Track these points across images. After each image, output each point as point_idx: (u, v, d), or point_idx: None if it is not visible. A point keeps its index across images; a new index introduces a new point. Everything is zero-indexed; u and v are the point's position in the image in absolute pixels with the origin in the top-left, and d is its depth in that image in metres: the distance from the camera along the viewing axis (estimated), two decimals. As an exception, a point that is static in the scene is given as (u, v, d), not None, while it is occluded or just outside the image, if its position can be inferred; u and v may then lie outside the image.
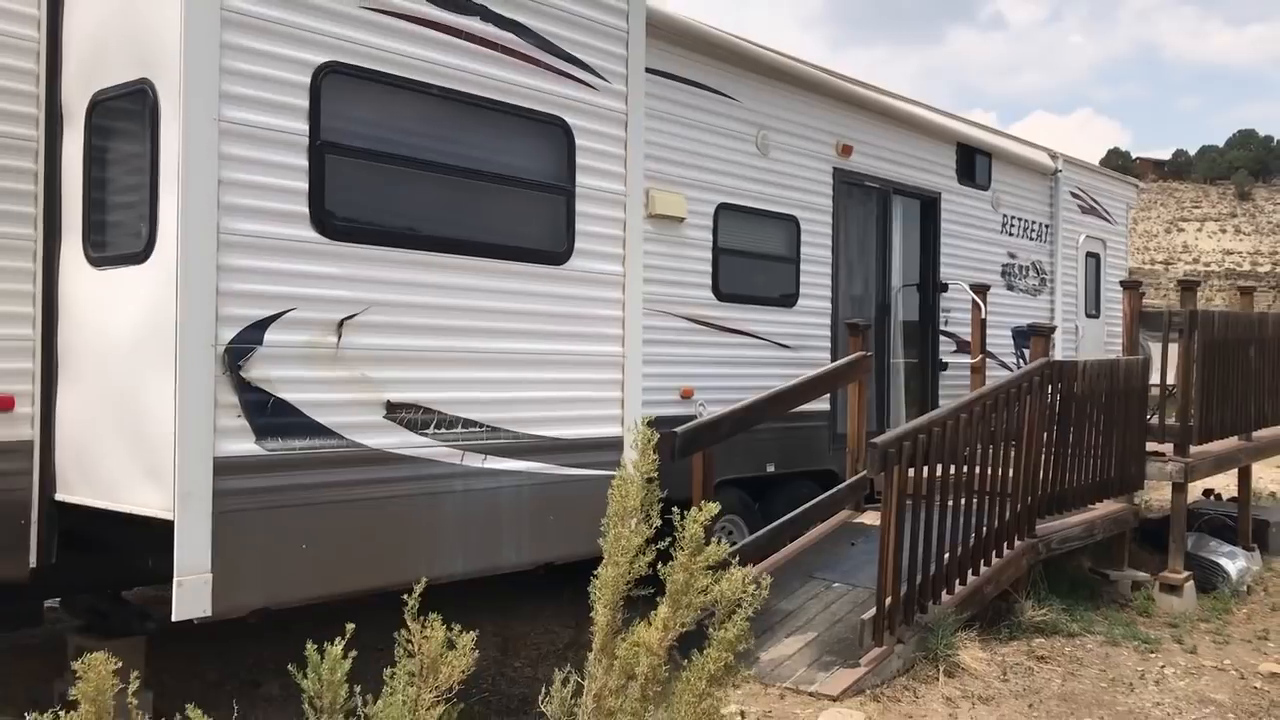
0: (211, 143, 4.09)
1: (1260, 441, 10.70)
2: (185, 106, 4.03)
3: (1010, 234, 11.43)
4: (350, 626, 2.62)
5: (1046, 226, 12.09)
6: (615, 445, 5.65)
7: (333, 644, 2.48)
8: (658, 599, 2.64)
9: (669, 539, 2.97)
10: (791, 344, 8.66)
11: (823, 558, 7.80)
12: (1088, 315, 12.86)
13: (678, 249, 7.55)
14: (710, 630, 2.55)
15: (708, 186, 7.87)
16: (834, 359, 8.80)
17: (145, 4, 4.27)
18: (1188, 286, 9.28)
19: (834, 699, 5.89)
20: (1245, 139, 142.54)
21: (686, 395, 7.67)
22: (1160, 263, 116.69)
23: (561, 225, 5.43)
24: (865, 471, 7.93)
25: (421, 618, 2.70)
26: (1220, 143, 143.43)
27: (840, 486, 8.25)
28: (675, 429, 6.19)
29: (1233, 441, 10.16)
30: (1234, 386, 9.87)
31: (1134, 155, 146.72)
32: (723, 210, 8.00)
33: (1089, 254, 12.94)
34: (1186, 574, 8.99)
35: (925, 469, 6.67)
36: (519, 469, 5.16)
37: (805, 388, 8.01)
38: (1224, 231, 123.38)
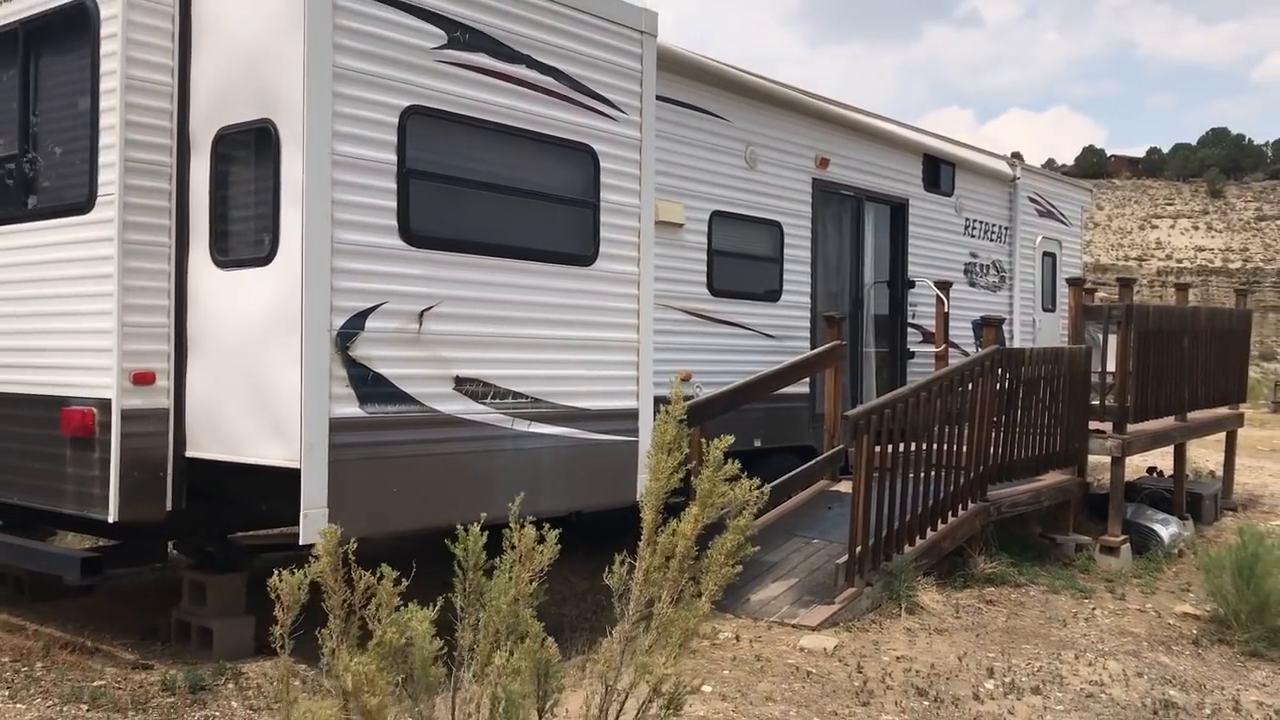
0: (327, 171, 5.22)
1: (1194, 422, 11.93)
2: (307, 143, 5.16)
3: (972, 235, 12.62)
4: (478, 526, 3.72)
5: (1006, 228, 13.29)
6: (632, 415, 6.82)
7: (469, 532, 3.58)
8: (688, 503, 3.76)
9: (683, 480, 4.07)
10: (776, 334, 9.81)
11: (803, 519, 8.95)
12: (1044, 309, 14.08)
13: (677, 251, 8.68)
14: (728, 521, 3.67)
15: (703, 196, 9.01)
16: (813, 348, 9.94)
17: (268, 62, 5.39)
18: (1125, 283, 10.50)
19: (813, 629, 7.05)
20: (1218, 137, 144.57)
21: (685, 378, 8.79)
22: (1134, 259, 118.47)
23: (589, 233, 6.59)
24: (841, 445, 9.10)
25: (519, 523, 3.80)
26: (1193, 140, 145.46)
27: (818, 459, 9.40)
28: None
29: (1168, 421, 11.37)
30: (1168, 372, 11.07)
31: (1109, 153, 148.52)
32: (716, 217, 9.14)
33: (1045, 253, 14.16)
34: (1123, 537, 10.18)
35: (891, 441, 7.86)
36: (556, 433, 6.32)
37: (787, 372, 9.18)
38: (1196, 228, 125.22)
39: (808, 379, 9.77)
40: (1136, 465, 13.98)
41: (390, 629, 3.00)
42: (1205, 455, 16.39)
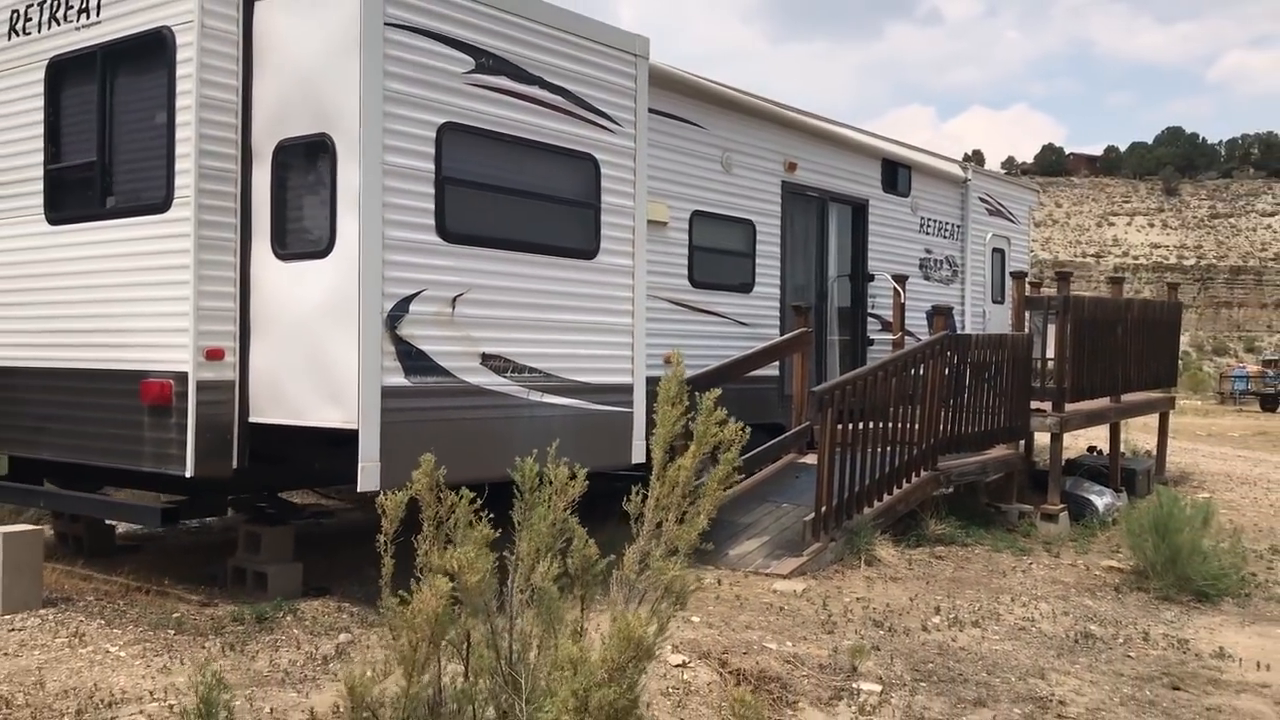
0: (378, 178, 6.20)
1: (1127, 403, 13.10)
2: (363, 154, 6.13)
3: (927, 233, 13.72)
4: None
5: (958, 226, 14.41)
6: (628, 390, 7.83)
7: (524, 462, 4.56)
8: (688, 444, 4.76)
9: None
10: (748, 322, 10.84)
11: (774, 487, 9.99)
12: (994, 301, 15.22)
13: (662, 246, 9.68)
14: (719, 455, 4.68)
15: (684, 197, 10.02)
16: (781, 335, 10.99)
17: (325, 85, 6.34)
18: (1062, 276, 11.62)
19: (784, 576, 8.09)
20: (1173, 136, 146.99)
21: (669, 359, 9.80)
22: (1092, 255, 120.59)
23: (592, 231, 7.59)
24: (808, 422, 10.15)
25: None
26: (1150, 139, 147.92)
27: (787, 434, 10.46)
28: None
29: (1103, 402, 12.52)
30: (1103, 357, 12.22)
31: (1067, 151, 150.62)
32: (696, 216, 10.16)
33: (995, 249, 15.30)
34: (1062, 506, 11.31)
35: (852, 419, 8.91)
36: (564, 403, 7.32)
37: (759, 356, 10.23)
38: (1152, 226, 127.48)
39: (777, 363, 10.81)
40: (1079, 446, 15.18)
41: (481, 527, 3.98)
42: (1146, 438, 17.59)
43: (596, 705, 3.56)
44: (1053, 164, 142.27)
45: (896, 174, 13.02)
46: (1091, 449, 14.61)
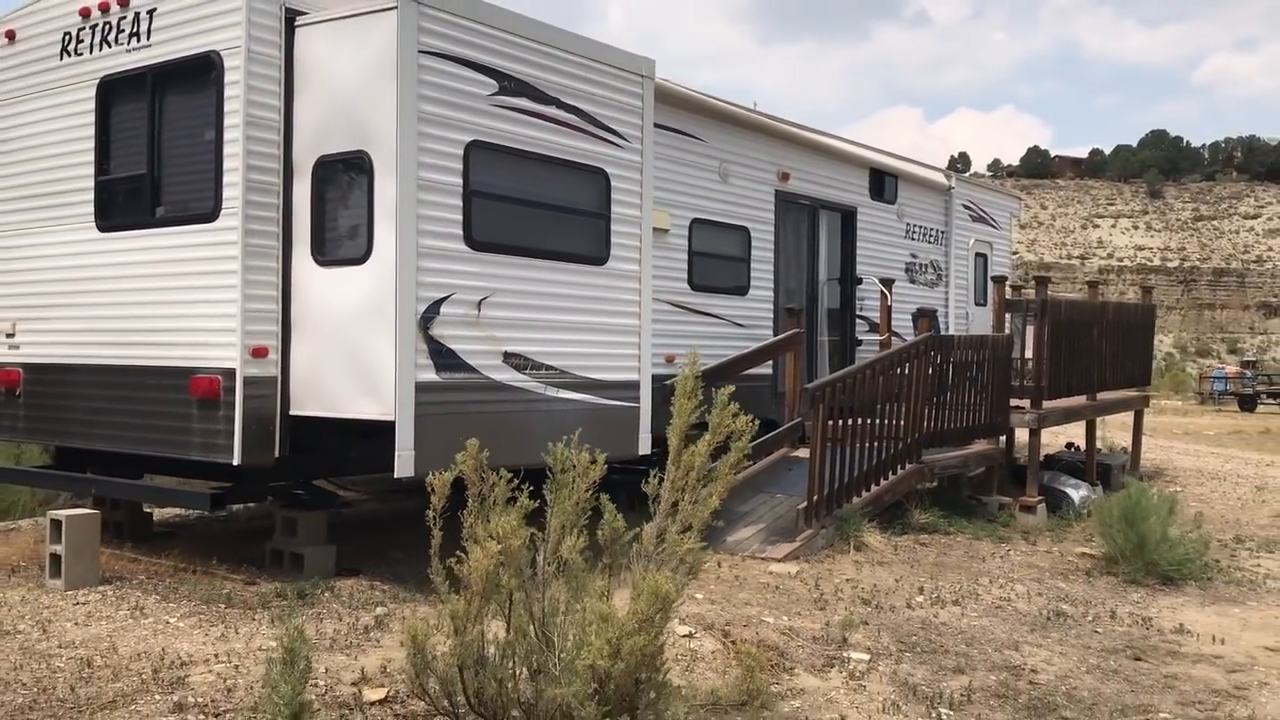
0: (413, 192, 6.80)
1: (1103, 401, 13.78)
2: (399, 170, 6.73)
3: (912, 239, 14.38)
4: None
5: (942, 232, 15.07)
6: (635, 386, 8.45)
7: (557, 445, 5.16)
8: (703, 434, 5.37)
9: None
10: (744, 323, 11.47)
11: (769, 479, 10.61)
12: (976, 304, 15.89)
13: (664, 252, 10.30)
14: (731, 444, 5.29)
15: (684, 206, 10.65)
16: (775, 335, 11.63)
17: (363, 106, 6.94)
18: (1041, 280, 12.29)
19: (779, 560, 8.71)
20: (1157, 139, 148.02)
21: (670, 360, 10.42)
22: (1076, 257, 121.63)
23: (603, 239, 8.21)
24: (800, 417, 10.78)
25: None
26: (1137, 141, 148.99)
27: (781, 428, 11.09)
28: (665, 383, 8.97)
29: (1080, 400, 13.20)
30: (1079, 358, 12.89)
31: (1053, 154, 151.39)
32: (695, 223, 10.79)
33: (978, 254, 15.97)
34: (1040, 498, 11.97)
35: (841, 415, 9.54)
36: (577, 398, 7.93)
37: (754, 355, 10.86)
38: (1136, 228, 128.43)
39: (771, 362, 11.45)
40: (1058, 443, 15.86)
41: (523, 499, 4.60)
42: (1124, 435, 18.27)
43: (628, 650, 4.17)
44: (1038, 166, 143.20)
45: (884, 182, 13.67)
46: (1069, 445, 15.29)
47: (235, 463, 7.02)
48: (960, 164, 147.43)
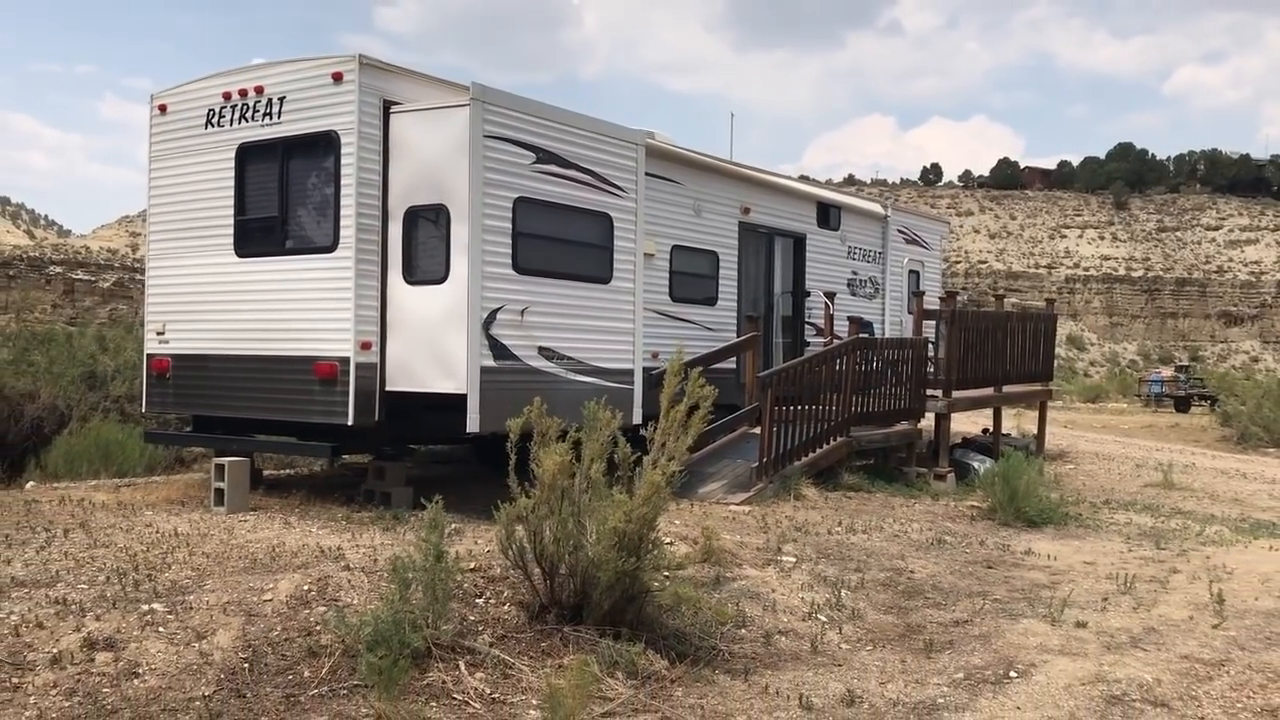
0: (479, 234, 9.73)
1: (1008, 393, 16.82)
2: (470, 218, 9.66)
3: (853, 259, 17.39)
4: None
5: (879, 253, 18.08)
6: (630, 373, 11.41)
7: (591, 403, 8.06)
8: (684, 400, 8.27)
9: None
10: (713, 328, 14.42)
11: (731, 450, 13.50)
12: (909, 313, 18.89)
13: (651, 272, 13.21)
14: (699, 407, 8.20)
15: (667, 235, 13.58)
16: (738, 337, 14.57)
17: (443, 171, 9.84)
18: (950, 295, 15.30)
19: (736, 504, 11.63)
20: (1124, 151, 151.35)
21: (654, 356, 13.34)
22: (1044, 267, 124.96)
23: (608, 264, 11.18)
24: (756, 403, 13.73)
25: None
26: (1105, 152, 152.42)
27: (741, 411, 14.02)
28: (652, 373, 11.91)
29: (987, 391, 16.22)
30: (985, 357, 15.91)
31: (1023, 164, 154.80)
32: (675, 249, 13.74)
33: (911, 271, 19.00)
34: (949, 469, 14.95)
35: (787, 403, 12.50)
36: (590, 380, 10.87)
37: (721, 353, 13.79)
38: (1102, 238, 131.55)
39: (735, 359, 14.37)
40: (977, 430, 18.85)
41: (573, 434, 7.51)
42: (1055, 430, 21.21)
43: (637, 517, 7.09)
44: (1008, 177, 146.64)
45: (829, 213, 16.68)
46: (985, 430, 18.31)
47: (349, 423, 9.91)
48: (932, 175, 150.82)
